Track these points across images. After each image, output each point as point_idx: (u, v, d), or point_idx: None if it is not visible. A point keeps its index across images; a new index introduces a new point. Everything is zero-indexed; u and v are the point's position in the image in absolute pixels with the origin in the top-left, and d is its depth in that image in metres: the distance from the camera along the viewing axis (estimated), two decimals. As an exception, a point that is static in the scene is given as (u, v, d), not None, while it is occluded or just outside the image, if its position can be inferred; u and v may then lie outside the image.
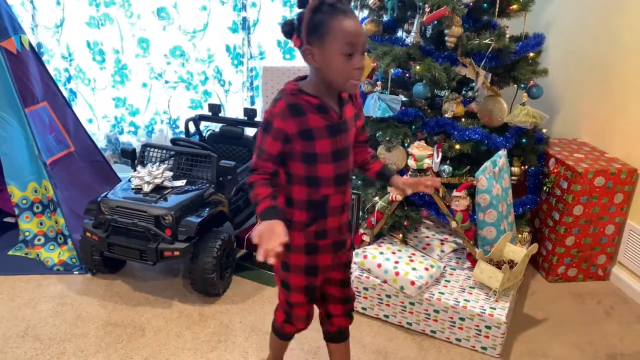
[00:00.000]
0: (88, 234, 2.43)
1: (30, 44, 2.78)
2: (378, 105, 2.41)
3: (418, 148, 2.29)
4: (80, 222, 2.53)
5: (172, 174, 2.56)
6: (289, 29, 1.37)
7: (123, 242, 2.36)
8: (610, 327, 2.42)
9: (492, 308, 2.16)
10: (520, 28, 2.57)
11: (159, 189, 2.48)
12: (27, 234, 2.75)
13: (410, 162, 2.30)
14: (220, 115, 3.19)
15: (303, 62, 1.38)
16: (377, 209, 2.46)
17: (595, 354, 2.23)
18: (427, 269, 2.27)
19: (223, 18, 3.36)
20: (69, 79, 3.41)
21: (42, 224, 2.77)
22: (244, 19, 3.37)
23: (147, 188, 2.45)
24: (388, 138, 2.45)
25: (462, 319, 2.18)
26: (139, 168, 2.58)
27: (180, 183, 2.55)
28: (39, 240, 2.76)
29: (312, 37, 1.32)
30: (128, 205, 2.37)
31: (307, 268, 1.55)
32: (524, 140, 2.63)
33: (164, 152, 2.72)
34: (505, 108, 2.55)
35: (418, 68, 2.39)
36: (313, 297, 1.65)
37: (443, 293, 2.25)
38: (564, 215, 2.60)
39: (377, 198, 2.49)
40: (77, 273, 2.65)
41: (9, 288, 2.53)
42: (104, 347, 2.16)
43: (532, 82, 2.54)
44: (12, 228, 2.99)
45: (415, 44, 2.47)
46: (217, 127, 3.24)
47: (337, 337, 1.78)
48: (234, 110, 3.59)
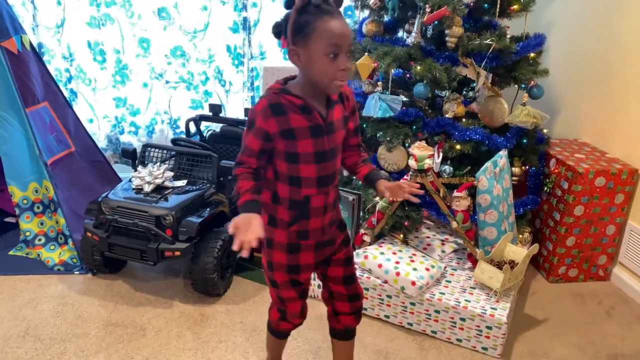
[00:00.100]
0: (89, 234, 2.43)
1: (31, 44, 2.78)
2: (379, 106, 2.41)
3: (419, 148, 2.29)
4: (81, 222, 2.53)
5: (172, 174, 2.56)
6: (278, 30, 1.38)
7: (124, 242, 2.36)
8: (611, 327, 2.42)
9: (492, 308, 2.16)
10: (521, 28, 2.57)
11: (160, 189, 2.48)
12: (27, 234, 2.75)
13: (411, 162, 2.30)
14: (221, 116, 3.19)
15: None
16: (377, 209, 2.46)
17: (596, 355, 2.23)
18: (427, 270, 2.27)
19: (224, 18, 3.36)
20: (70, 79, 3.41)
21: (42, 224, 2.78)
22: (245, 19, 3.37)
23: (147, 188, 2.46)
24: (389, 138, 2.46)
25: (462, 320, 2.18)
26: (140, 168, 2.58)
27: (181, 183, 2.55)
28: (40, 240, 2.76)
29: (297, 37, 1.32)
30: (129, 206, 2.38)
31: (288, 267, 1.56)
32: (525, 141, 2.63)
33: (165, 152, 2.72)
34: (506, 108, 2.56)
35: (419, 68, 2.39)
36: (303, 292, 1.66)
37: (444, 293, 2.25)
38: (565, 216, 2.60)
39: (377, 198, 2.48)
40: (77, 273, 2.65)
41: (10, 288, 2.53)
42: (105, 347, 2.16)
43: (532, 82, 2.54)
44: (12, 228, 2.99)
45: (416, 44, 2.47)
46: (217, 127, 3.24)
47: (343, 334, 1.78)
48: (235, 111, 3.59)
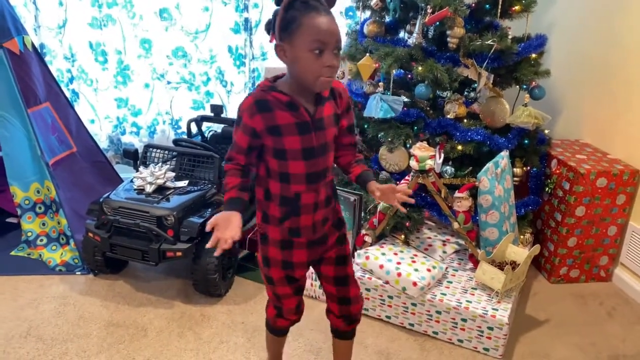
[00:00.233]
0: (90, 235, 2.44)
1: (33, 45, 2.79)
2: (380, 106, 2.41)
3: (420, 149, 2.29)
4: (83, 222, 2.54)
5: (174, 175, 2.57)
6: (269, 27, 1.38)
7: (125, 242, 2.36)
8: (613, 328, 2.41)
9: (494, 309, 2.16)
10: (523, 29, 2.57)
11: (161, 190, 2.49)
12: (29, 235, 2.75)
13: (413, 163, 2.30)
14: (222, 116, 3.19)
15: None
16: (379, 210, 2.46)
17: (598, 355, 2.23)
18: (429, 270, 2.27)
19: (225, 19, 3.36)
20: (72, 80, 3.41)
21: (44, 225, 2.78)
22: (246, 20, 3.37)
23: (149, 189, 2.46)
24: (390, 139, 2.46)
25: (464, 320, 2.18)
26: (142, 169, 2.58)
27: (183, 184, 2.55)
28: (42, 241, 2.76)
29: (284, 33, 1.32)
30: (130, 206, 2.38)
31: (283, 262, 1.56)
32: (526, 141, 2.63)
33: (166, 152, 2.73)
34: (508, 109, 2.56)
35: (420, 69, 2.40)
36: (298, 288, 1.66)
37: (445, 294, 2.25)
38: (566, 217, 2.60)
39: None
40: (79, 273, 2.65)
41: (12, 288, 2.53)
42: (106, 347, 2.16)
43: (534, 83, 2.54)
44: (14, 228, 2.99)
45: (418, 45, 2.47)
46: (219, 127, 3.24)
47: (337, 334, 1.77)
48: (236, 111, 3.59)
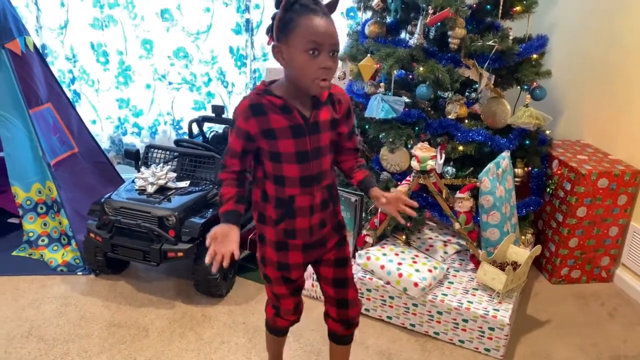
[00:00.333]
0: (92, 235, 2.44)
1: (35, 46, 2.79)
2: (381, 107, 2.41)
3: (421, 149, 2.29)
4: (84, 223, 2.54)
5: (175, 175, 2.57)
6: (269, 30, 1.38)
7: (127, 243, 2.37)
8: (614, 328, 2.41)
9: (495, 310, 2.16)
10: (524, 30, 2.57)
11: (163, 190, 2.49)
12: (31, 235, 2.75)
13: (414, 163, 2.31)
14: (224, 117, 3.19)
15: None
16: (380, 211, 2.46)
17: (599, 356, 2.23)
18: (430, 271, 2.27)
19: (226, 20, 3.36)
20: (73, 80, 3.42)
21: (46, 225, 2.78)
22: (248, 21, 3.38)
23: (150, 189, 2.46)
24: (391, 139, 2.46)
25: (465, 321, 2.18)
26: (143, 169, 2.58)
27: (184, 184, 2.55)
28: (43, 241, 2.77)
29: (281, 34, 1.32)
30: (132, 206, 2.38)
31: (279, 264, 1.56)
32: (528, 142, 2.63)
33: (168, 153, 2.73)
34: (509, 109, 2.56)
35: (421, 69, 2.40)
36: (296, 288, 1.65)
37: (446, 294, 2.25)
38: (568, 217, 2.59)
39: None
40: (80, 274, 2.65)
41: (13, 288, 2.53)
42: (108, 347, 2.17)
43: (535, 83, 2.54)
44: (16, 229, 2.99)
45: (419, 46, 2.47)
46: (220, 128, 3.25)
47: (334, 338, 1.75)
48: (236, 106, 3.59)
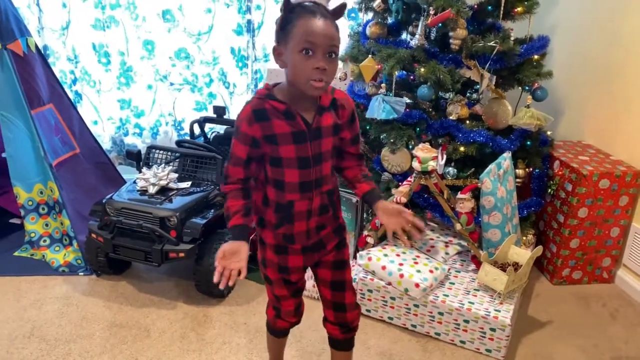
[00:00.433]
0: (93, 236, 2.44)
1: (37, 46, 2.80)
2: (382, 107, 2.41)
3: (422, 150, 2.29)
4: (86, 223, 2.54)
5: (177, 176, 2.57)
6: None
7: (128, 243, 2.37)
8: (615, 329, 2.41)
9: (496, 310, 2.16)
10: (525, 30, 2.57)
11: (164, 191, 2.49)
12: (32, 235, 2.76)
13: (415, 164, 2.31)
14: (225, 117, 3.20)
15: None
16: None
17: (600, 357, 2.23)
18: (431, 271, 2.27)
19: (228, 20, 3.37)
20: (75, 81, 3.42)
21: (47, 225, 2.79)
22: (249, 22, 3.38)
23: (152, 190, 2.47)
24: (392, 140, 2.46)
25: (466, 321, 2.18)
26: (144, 170, 2.59)
27: (186, 185, 2.56)
28: (45, 242, 2.77)
29: (280, 36, 1.32)
30: (133, 207, 2.39)
31: (279, 266, 1.56)
32: (529, 143, 2.63)
33: (169, 153, 2.74)
34: (510, 110, 2.56)
35: (422, 70, 2.40)
36: (296, 290, 1.65)
37: (447, 295, 2.25)
38: (569, 218, 2.59)
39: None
40: (82, 274, 2.66)
41: (15, 289, 2.54)
42: (109, 348, 2.17)
43: (536, 84, 2.54)
44: (17, 229, 3.00)
45: (420, 47, 2.48)
46: (221, 129, 3.25)
47: (334, 344, 1.75)
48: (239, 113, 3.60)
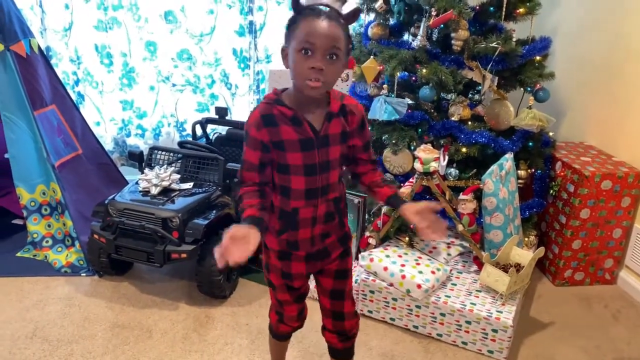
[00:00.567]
0: (96, 236, 2.45)
1: (40, 48, 2.81)
2: (384, 109, 2.41)
3: (424, 151, 2.29)
4: (88, 224, 2.55)
5: (179, 177, 2.58)
6: None
7: (130, 244, 2.37)
8: (618, 331, 2.41)
9: (498, 311, 2.16)
10: (527, 31, 2.57)
11: (167, 192, 2.50)
12: (35, 236, 2.77)
13: (417, 165, 2.31)
14: (227, 118, 3.20)
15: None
16: (383, 212, 2.46)
17: (602, 358, 2.22)
18: (433, 272, 2.27)
19: (230, 22, 3.37)
20: (77, 82, 3.43)
21: (50, 226, 2.79)
22: (251, 23, 3.38)
23: (154, 190, 2.47)
24: (394, 141, 2.46)
25: (468, 323, 2.18)
26: (147, 171, 2.59)
27: (188, 186, 2.56)
28: (47, 242, 2.78)
29: (287, 36, 1.32)
30: (135, 208, 2.39)
31: (282, 272, 1.55)
32: (531, 144, 2.63)
33: (172, 154, 2.74)
34: (512, 111, 2.56)
35: (424, 71, 2.40)
36: (299, 296, 1.64)
37: (449, 296, 2.25)
38: (571, 219, 2.59)
39: (383, 201, 2.49)
40: (84, 275, 2.66)
41: (18, 289, 2.54)
42: (112, 348, 2.17)
43: (538, 85, 2.54)
44: (20, 230, 3.00)
45: (422, 48, 2.48)
46: (223, 130, 3.25)
47: (332, 353, 1.74)
48: (241, 114, 3.60)
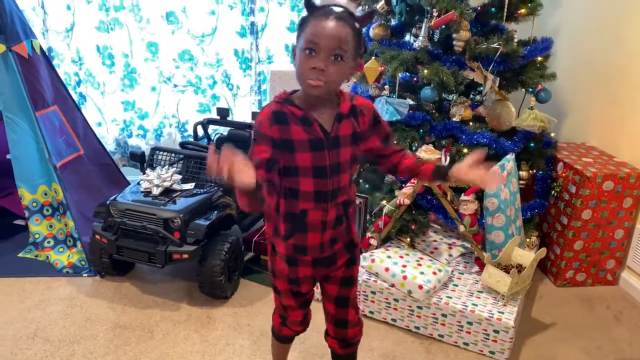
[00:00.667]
0: (97, 237, 2.45)
1: (41, 48, 2.81)
2: (386, 109, 2.41)
3: (426, 152, 2.29)
4: (90, 224, 2.55)
5: (180, 177, 2.58)
6: None
7: (132, 244, 2.38)
8: (619, 332, 2.40)
9: (500, 312, 2.16)
10: (529, 32, 2.57)
11: (168, 192, 2.50)
12: (37, 237, 2.77)
13: (418, 165, 2.30)
14: (229, 119, 3.20)
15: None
16: (384, 213, 2.46)
17: (604, 359, 2.22)
18: (435, 273, 2.27)
19: (231, 22, 3.38)
20: (79, 83, 3.44)
21: (51, 227, 2.80)
22: (252, 24, 3.39)
23: (156, 191, 2.47)
24: (396, 142, 2.46)
25: (470, 323, 2.18)
26: (148, 171, 2.59)
27: (189, 186, 2.56)
28: (49, 243, 2.78)
29: (297, 34, 1.32)
30: (137, 208, 2.39)
31: (289, 278, 1.54)
32: (532, 144, 2.63)
33: (173, 155, 2.74)
34: (514, 112, 2.56)
35: (426, 72, 2.40)
36: (305, 302, 1.63)
37: (451, 297, 2.25)
38: (573, 220, 2.59)
39: (384, 202, 2.49)
40: (86, 275, 2.66)
41: (19, 290, 2.55)
42: (113, 349, 2.17)
43: (540, 86, 2.54)
44: (22, 230, 3.00)
45: (423, 48, 2.48)
46: (225, 130, 3.25)
47: (335, 358, 1.74)
48: (242, 114, 3.60)
